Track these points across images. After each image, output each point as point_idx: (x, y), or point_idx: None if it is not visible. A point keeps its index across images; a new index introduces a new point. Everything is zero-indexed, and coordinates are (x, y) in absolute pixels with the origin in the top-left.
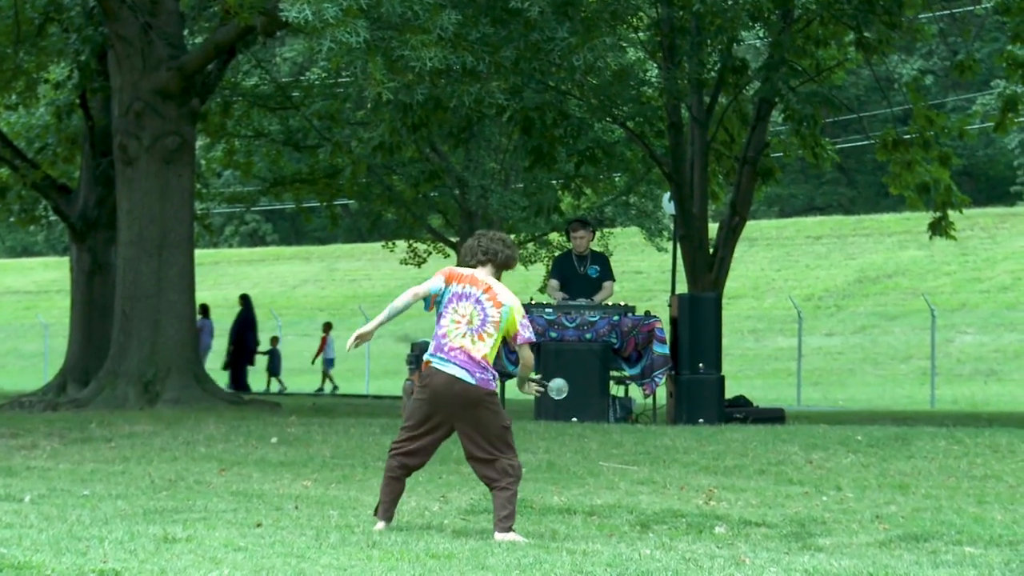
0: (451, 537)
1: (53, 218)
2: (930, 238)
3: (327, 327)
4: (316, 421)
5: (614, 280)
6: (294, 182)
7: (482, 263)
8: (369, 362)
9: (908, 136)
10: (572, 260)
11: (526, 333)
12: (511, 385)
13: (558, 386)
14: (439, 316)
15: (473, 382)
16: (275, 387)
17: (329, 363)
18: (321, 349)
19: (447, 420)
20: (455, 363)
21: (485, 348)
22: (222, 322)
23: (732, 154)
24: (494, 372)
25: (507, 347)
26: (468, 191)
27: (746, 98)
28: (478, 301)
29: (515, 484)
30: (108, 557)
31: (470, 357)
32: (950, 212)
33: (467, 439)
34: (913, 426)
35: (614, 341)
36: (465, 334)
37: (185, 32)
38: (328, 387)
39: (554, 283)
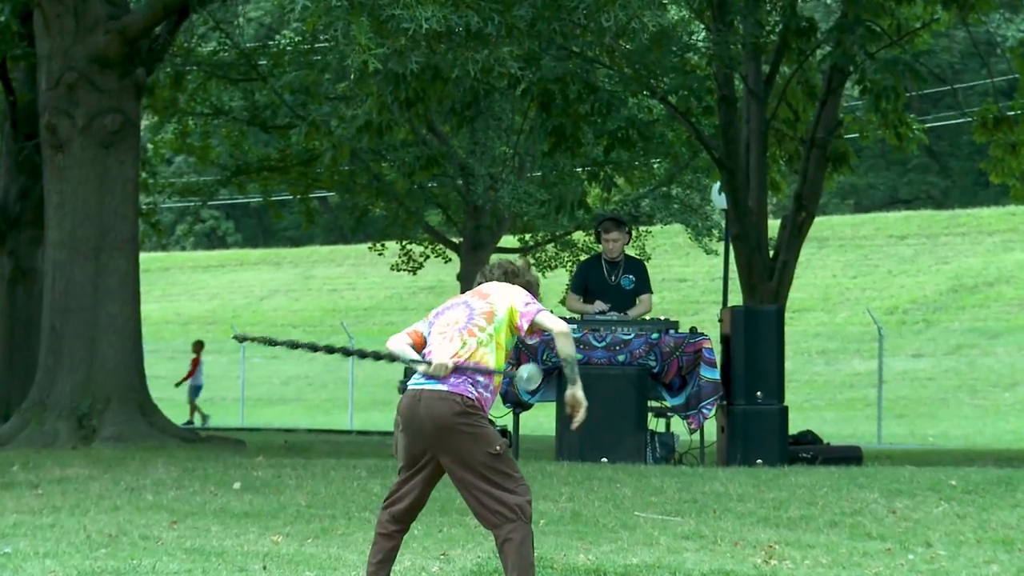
0: None
1: None
2: None
3: (198, 347)
4: (288, 462)
5: (652, 292)
6: (261, 170)
7: (498, 279)
8: (353, 390)
9: (1013, 112)
10: (601, 267)
11: (531, 308)
12: (531, 420)
13: (528, 373)
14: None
15: (445, 388)
16: (198, 419)
17: (196, 391)
18: (191, 374)
19: (428, 450)
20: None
21: (474, 345)
22: (174, 341)
23: (797, 135)
24: (487, 380)
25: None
26: (474, 181)
27: (813, 66)
28: (465, 303)
29: (520, 528)
30: None
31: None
32: None
33: (453, 477)
34: (1020, 468)
35: (653, 364)
36: (452, 338)
37: None
38: (198, 419)
39: (576, 297)
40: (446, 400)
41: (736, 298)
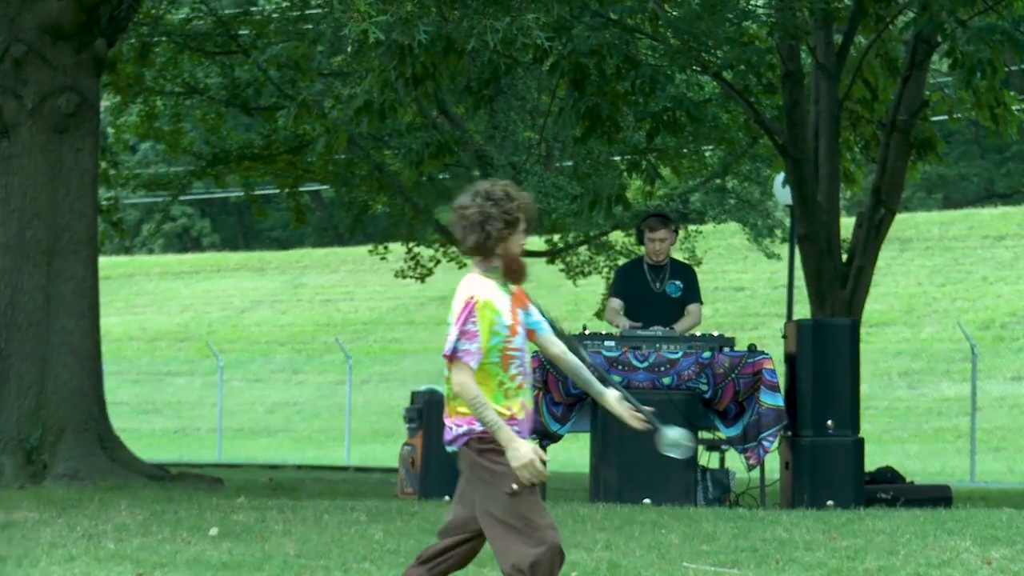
0: None
1: None
2: None
3: None
4: (274, 504)
5: (703, 302)
6: (242, 159)
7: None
8: (350, 419)
9: None
10: (644, 272)
11: (449, 340)
12: (559, 453)
13: (675, 438)
14: None
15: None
16: None
17: None
18: None
19: None
20: None
21: (449, 369)
22: (138, 361)
23: (875, 118)
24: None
25: (549, 395)
26: (493, 172)
27: (895, 36)
28: None
29: None
30: None
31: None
32: None
33: None
34: None
35: (704, 388)
36: None
37: None
38: None
39: (616, 303)
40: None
41: (803, 310)
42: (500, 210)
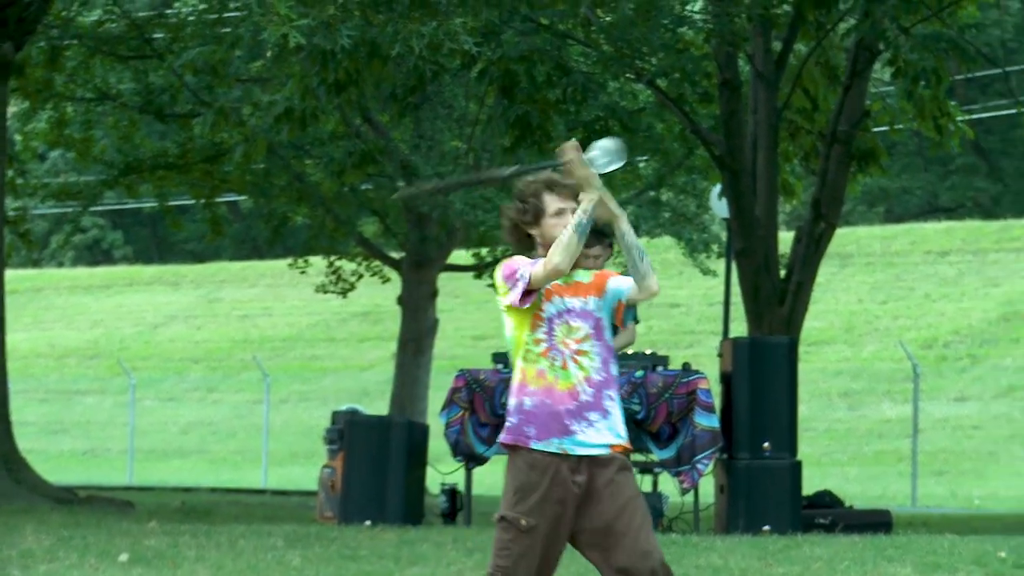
0: None
1: None
2: None
3: None
4: (187, 528)
5: (637, 320)
6: (156, 168)
7: None
8: (267, 441)
9: None
10: None
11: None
12: (488, 476)
13: (605, 148)
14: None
15: None
16: None
17: None
18: None
19: None
20: None
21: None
22: (46, 379)
23: (815, 128)
24: (511, 415)
25: (475, 416)
26: (418, 183)
27: (836, 44)
28: None
29: None
30: None
31: None
32: None
33: None
34: None
35: (637, 408)
36: None
37: None
38: None
39: None
40: None
41: (739, 328)
42: (521, 210)
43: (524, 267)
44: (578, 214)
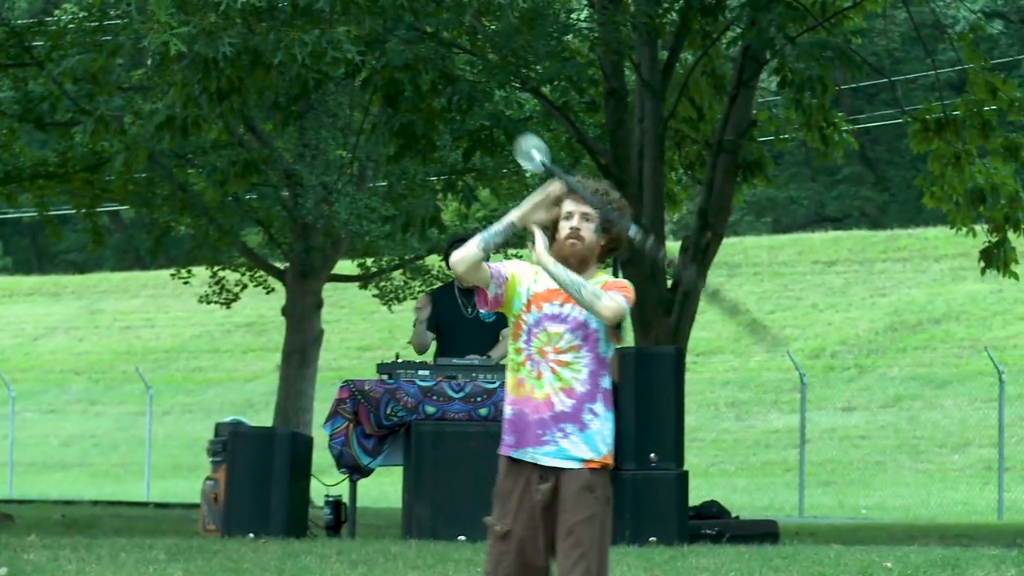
0: None
1: None
2: (982, 272)
3: None
4: (68, 542)
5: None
6: (35, 177)
7: None
8: (150, 453)
9: (957, 114)
10: (456, 297)
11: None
12: (372, 488)
13: (529, 147)
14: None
15: None
16: None
17: None
18: None
19: None
20: None
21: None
22: None
23: (701, 137)
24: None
25: (360, 427)
26: (302, 193)
27: (722, 53)
28: None
29: None
30: None
31: None
32: (1015, 235)
33: None
34: (969, 547)
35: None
36: None
37: None
38: None
39: (425, 331)
40: None
41: (626, 338)
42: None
43: (500, 283)
44: (493, 226)
